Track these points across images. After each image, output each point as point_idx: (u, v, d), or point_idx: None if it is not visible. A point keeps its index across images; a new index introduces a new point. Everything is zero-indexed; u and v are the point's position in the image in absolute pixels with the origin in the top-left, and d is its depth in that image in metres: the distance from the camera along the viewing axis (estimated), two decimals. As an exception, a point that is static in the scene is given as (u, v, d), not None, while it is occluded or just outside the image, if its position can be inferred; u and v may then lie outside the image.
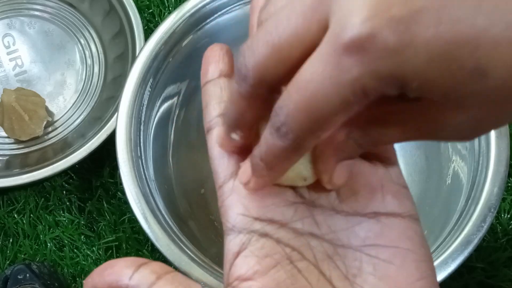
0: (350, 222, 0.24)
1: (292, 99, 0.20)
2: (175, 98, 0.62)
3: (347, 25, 0.18)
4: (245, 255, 0.23)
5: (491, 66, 0.18)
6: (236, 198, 0.24)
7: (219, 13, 0.60)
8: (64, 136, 0.76)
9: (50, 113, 0.78)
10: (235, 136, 0.24)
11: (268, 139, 0.21)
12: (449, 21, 0.18)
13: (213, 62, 0.26)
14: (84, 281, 0.25)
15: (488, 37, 0.18)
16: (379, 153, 0.25)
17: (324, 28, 0.19)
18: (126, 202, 0.54)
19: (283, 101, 0.20)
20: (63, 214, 0.73)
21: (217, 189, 0.25)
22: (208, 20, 0.60)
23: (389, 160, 0.25)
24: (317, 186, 0.25)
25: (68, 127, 0.77)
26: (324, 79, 0.19)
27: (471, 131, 0.21)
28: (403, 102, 0.21)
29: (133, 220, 0.71)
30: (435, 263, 0.49)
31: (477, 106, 0.19)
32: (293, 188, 0.24)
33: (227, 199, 0.24)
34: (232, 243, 0.23)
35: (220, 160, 0.25)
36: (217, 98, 0.25)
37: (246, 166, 0.24)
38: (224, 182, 0.24)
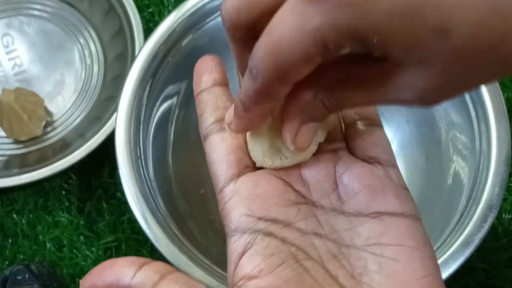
0: (352, 222, 0.24)
1: (262, 43, 0.20)
2: (175, 98, 0.62)
3: None
4: (250, 254, 0.23)
5: (453, 25, 0.18)
6: (238, 199, 0.24)
7: (219, 12, 0.60)
8: (63, 136, 0.76)
9: (49, 113, 0.77)
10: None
11: (244, 81, 0.22)
12: None
13: (206, 72, 0.27)
14: (80, 281, 0.24)
15: None
16: (378, 155, 0.25)
17: None
18: (125, 202, 0.54)
19: (257, 45, 0.20)
20: (62, 214, 0.73)
21: (217, 193, 0.25)
22: (208, 20, 0.60)
23: (389, 162, 0.25)
24: (317, 186, 0.25)
25: (67, 127, 0.77)
26: (289, 26, 0.19)
27: (435, 93, 0.21)
28: (368, 62, 0.21)
29: (133, 220, 0.71)
30: (436, 264, 0.49)
31: (440, 66, 0.19)
32: (294, 188, 0.25)
33: (229, 202, 0.24)
34: (236, 243, 0.23)
35: (220, 164, 0.25)
36: (212, 105, 0.26)
37: (231, 109, 0.24)
38: (225, 185, 0.25)
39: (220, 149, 0.25)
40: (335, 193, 0.25)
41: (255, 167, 0.26)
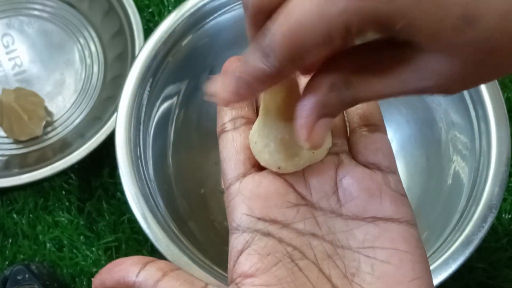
0: (349, 225, 0.25)
1: (279, 23, 0.20)
2: (175, 98, 0.62)
3: None
4: (248, 253, 0.24)
5: (480, 14, 0.18)
6: (241, 199, 0.25)
7: (219, 12, 0.60)
8: (64, 136, 0.76)
9: (49, 113, 0.77)
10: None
11: (249, 57, 0.21)
12: None
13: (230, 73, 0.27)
14: (93, 279, 0.25)
15: None
16: (379, 162, 0.26)
17: None
18: (125, 202, 0.54)
19: (271, 24, 0.20)
20: (62, 214, 0.73)
21: (225, 190, 0.26)
22: (208, 20, 0.60)
23: (388, 169, 0.26)
24: (318, 188, 0.25)
25: (67, 127, 0.77)
26: (311, 8, 0.19)
27: (458, 82, 0.21)
28: (387, 48, 0.21)
29: (133, 220, 0.71)
30: (436, 264, 0.49)
31: (465, 55, 0.19)
32: (295, 189, 0.25)
33: (233, 200, 0.25)
34: (236, 241, 0.24)
35: (228, 163, 0.26)
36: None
37: (217, 80, 0.24)
38: (231, 183, 0.26)
39: (230, 148, 0.26)
40: (334, 195, 0.25)
41: (261, 166, 0.26)
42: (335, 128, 0.27)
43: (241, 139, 0.26)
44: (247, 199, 0.25)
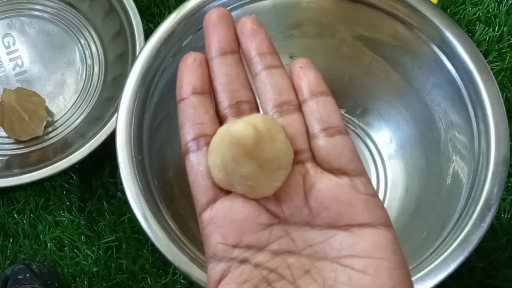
0: (325, 235, 0.25)
1: None
2: (175, 98, 0.62)
3: None
4: (226, 282, 0.24)
5: None
6: (214, 227, 0.25)
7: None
8: (64, 136, 0.76)
9: (50, 113, 0.78)
10: None
11: None
12: None
13: (186, 76, 0.27)
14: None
15: None
16: (343, 166, 0.25)
17: None
18: (126, 202, 0.54)
19: None
20: (63, 214, 0.73)
21: (198, 216, 0.26)
22: (208, 20, 0.60)
23: (355, 172, 0.25)
24: (289, 202, 0.25)
25: (68, 127, 0.77)
26: None
27: None
28: None
29: (133, 220, 0.71)
30: (435, 263, 0.49)
31: None
32: (267, 209, 0.25)
33: (206, 228, 0.25)
34: (213, 271, 0.25)
35: (197, 188, 0.26)
36: (190, 120, 0.26)
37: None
38: (202, 210, 0.25)
39: (196, 172, 0.26)
40: (306, 207, 0.25)
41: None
42: (297, 134, 0.26)
43: (206, 161, 0.25)
44: (219, 227, 0.25)
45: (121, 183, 0.53)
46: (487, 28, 0.79)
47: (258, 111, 0.27)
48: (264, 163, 0.24)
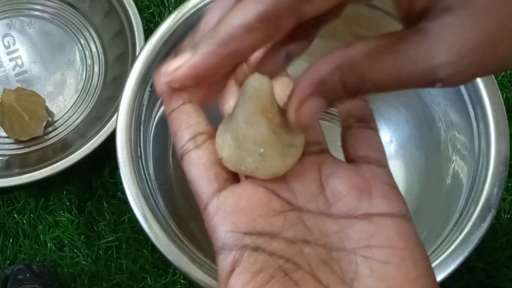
0: (341, 225, 0.23)
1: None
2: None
3: None
4: (239, 272, 0.22)
5: None
6: (223, 215, 0.23)
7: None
8: (64, 136, 0.76)
9: (50, 113, 0.78)
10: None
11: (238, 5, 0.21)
12: None
13: (175, 92, 0.25)
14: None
15: None
16: (369, 154, 0.25)
17: None
18: (126, 202, 0.54)
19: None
20: (63, 214, 0.73)
21: (202, 211, 0.24)
22: (208, 20, 0.60)
23: (379, 162, 0.25)
24: (303, 190, 0.24)
25: (68, 127, 0.77)
26: None
27: (468, 64, 0.20)
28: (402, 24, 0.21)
29: (133, 220, 0.71)
30: (435, 263, 0.49)
31: (492, 16, 0.19)
32: (279, 195, 0.24)
33: (213, 219, 0.24)
34: (224, 261, 0.23)
35: (200, 181, 0.24)
36: (184, 124, 0.25)
37: (178, 58, 0.23)
38: (208, 202, 0.24)
39: (198, 166, 0.24)
40: (321, 196, 0.24)
41: (236, 179, 0.25)
42: (312, 128, 0.25)
43: (207, 155, 0.24)
44: (229, 214, 0.23)
45: (121, 183, 0.53)
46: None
47: None
48: (278, 129, 0.23)
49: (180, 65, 0.23)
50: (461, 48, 0.20)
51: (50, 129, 0.77)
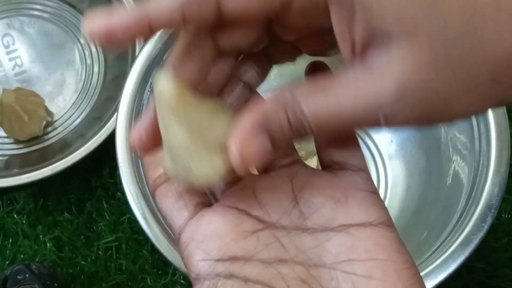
0: (318, 239, 0.22)
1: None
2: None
3: None
4: None
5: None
6: (194, 244, 0.23)
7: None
8: (64, 136, 0.76)
9: (49, 113, 0.77)
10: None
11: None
12: None
13: (139, 141, 0.25)
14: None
15: None
16: (345, 160, 0.24)
17: None
18: (125, 202, 0.54)
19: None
20: (62, 214, 0.73)
21: (177, 242, 0.24)
22: (208, 20, 0.60)
23: (356, 167, 0.24)
24: (275, 205, 0.23)
25: (67, 127, 0.77)
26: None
27: (415, 92, 0.19)
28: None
29: (133, 220, 0.71)
30: (436, 263, 0.49)
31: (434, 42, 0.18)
32: (250, 214, 0.23)
33: (186, 249, 0.23)
34: None
35: (171, 213, 0.24)
36: (153, 163, 0.25)
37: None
38: (180, 232, 0.23)
39: (167, 198, 0.24)
40: (295, 209, 0.23)
41: (206, 202, 0.24)
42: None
43: (175, 186, 0.24)
44: (200, 242, 0.22)
45: (120, 183, 0.53)
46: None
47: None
48: (197, 129, 0.21)
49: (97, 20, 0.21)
50: (402, 85, 0.18)
51: (49, 129, 0.77)
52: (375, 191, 0.23)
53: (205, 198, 0.24)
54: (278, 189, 0.23)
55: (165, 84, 0.21)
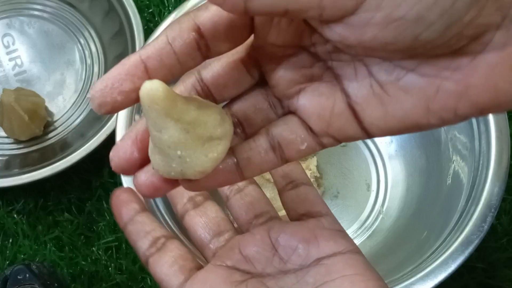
0: (299, 276, 0.26)
1: None
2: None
3: None
4: None
5: None
6: None
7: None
8: (64, 136, 0.76)
9: (49, 113, 0.77)
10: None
11: None
12: None
13: (124, 205, 0.29)
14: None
15: None
16: (308, 210, 0.28)
17: None
18: (125, 202, 0.54)
19: None
20: (62, 214, 0.73)
21: None
22: (208, 20, 0.60)
23: (319, 213, 0.28)
24: (259, 258, 0.27)
25: (67, 127, 0.77)
26: None
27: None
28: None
29: (133, 220, 0.71)
30: (436, 264, 0.49)
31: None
32: (238, 269, 0.27)
33: None
34: None
35: (166, 278, 0.26)
36: (141, 232, 0.28)
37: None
38: None
39: (162, 266, 0.27)
40: (276, 257, 0.27)
41: (200, 265, 0.27)
42: (257, 201, 0.29)
43: (169, 254, 0.27)
44: None
45: (120, 183, 0.53)
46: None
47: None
48: (190, 128, 0.22)
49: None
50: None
51: (49, 129, 0.77)
52: (341, 229, 0.28)
53: (197, 263, 0.28)
54: (259, 243, 0.27)
55: (155, 88, 0.22)
